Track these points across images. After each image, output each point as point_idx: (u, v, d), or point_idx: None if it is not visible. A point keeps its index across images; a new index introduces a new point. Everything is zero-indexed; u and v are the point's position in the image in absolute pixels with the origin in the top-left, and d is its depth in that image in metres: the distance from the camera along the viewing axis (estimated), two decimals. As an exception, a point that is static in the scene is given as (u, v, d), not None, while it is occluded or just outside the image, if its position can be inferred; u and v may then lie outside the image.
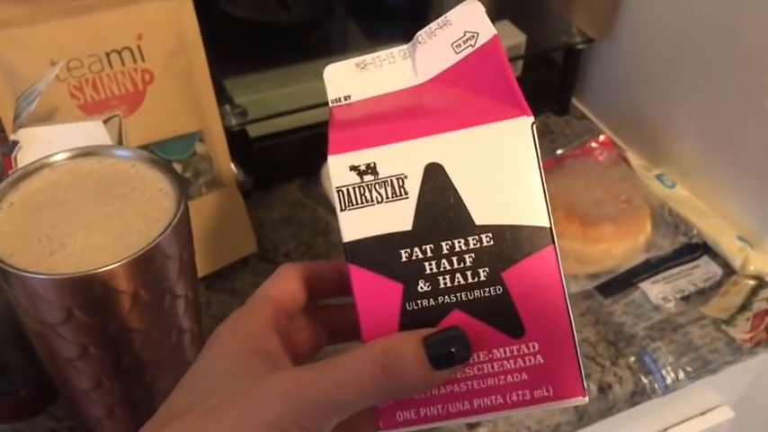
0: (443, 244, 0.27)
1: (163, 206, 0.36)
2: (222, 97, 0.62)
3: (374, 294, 0.27)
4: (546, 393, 0.27)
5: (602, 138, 0.71)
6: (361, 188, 0.27)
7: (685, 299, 0.58)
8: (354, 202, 0.27)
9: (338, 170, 0.28)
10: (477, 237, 0.27)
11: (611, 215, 0.58)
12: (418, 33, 0.30)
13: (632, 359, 0.54)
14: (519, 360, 0.27)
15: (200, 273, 0.59)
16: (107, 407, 0.39)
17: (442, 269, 0.27)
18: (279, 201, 0.67)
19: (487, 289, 0.27)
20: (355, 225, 0.27)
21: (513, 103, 0.28)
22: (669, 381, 0.53)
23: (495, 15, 0.72)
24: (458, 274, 0.27)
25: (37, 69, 0.51)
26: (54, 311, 0.34)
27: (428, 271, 0.27)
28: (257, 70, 0.68)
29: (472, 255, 0.27)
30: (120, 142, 0.43)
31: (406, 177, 0.27)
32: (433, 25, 0.30)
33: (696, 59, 0.63)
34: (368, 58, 0.30)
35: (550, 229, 0.28)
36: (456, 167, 0.27)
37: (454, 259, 0.27)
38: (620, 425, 0.57)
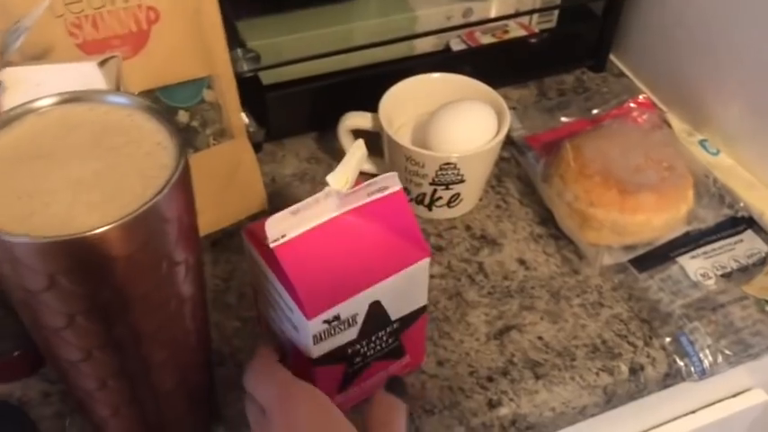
0: (373, 337, 0.43)
1: (161, 162, 0.32)
2: (234, 41, 0.58)
3: (328, 372, 0.42)
4: (406, 361, 0.47)
5: (641, 98, 0.66)
6: (329, 330, 0.40)
7: (726, 276, 0.54)
8: (323, 338, 0.40)
9: (314, 325, 0.39)
10: (392, 326, 0.43)
11: (651, 183, 0.53)
12: (340, 191, 0.39)
13: (668, 340, 0.50)
14: (400, 366, 0.47)
15: (206, 230, 0.56)
16: (99, 379, 0.36)
17: (370, 348, 0.43)
18: (292, 155, 0.63)
19: (392, 346, 0.44)
20: (321, 348, 0.40)
21: (416, 244, 0.41)
22: (706, 364, 0.50)
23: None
24: (378, 346, 0.43)
25: (33, 4, 0.46)
26: (35, 278, 0.30)
27: (362, 351, 0.43)
28: (272, 12, 0.63)
29: (388, 335, 0.43)
30: (117, 87, 0.39)
31: (357, 314, 0.40)
32: (359, 187, 0.39)
33: (751, 13, 0.57)
34: (300, 206, 0.38)
35: (426, 305, 0.44)
36: (386, 298, 0.41)
37: (377, 341, 0.43)
38: (644, 405, 0.53)
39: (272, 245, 0.38)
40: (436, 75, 0.58)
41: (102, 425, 0.40)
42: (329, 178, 0.39)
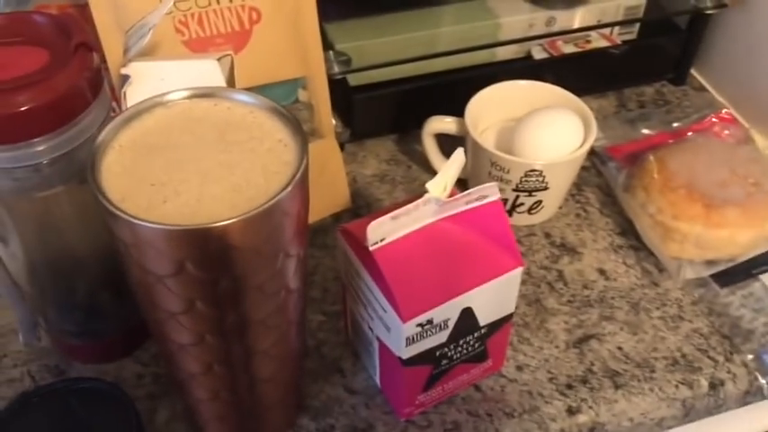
0: (461, 341, 0.43)
1: (283, 159, 0.34)
2: (323, 43, 0.59)
3: (415, 372, 0.43)
4: (488, 365, 0.48)
5: (723, 112, 0.66)
6: (421, 333, 0.41)
7: (811, 296, 0.53)
8: (415, 340, 0.41)
9: (408, 328, 0.40)
10: (480, 331, 0.44)
11: (737, 199, 0.53)
12: (439, 198, 0.40)
13: (749, 357, 0.50)
14: (482, 369, 0.48)
15: (293, 226, 0.57)
16: (205, 363, 0.37)
17: (456, 351, 0.44)
18: (372, 156, 0.64)
19: (477, 350, 0.45)
20: (412, 349, 0.41)
21: (511, 253, 0.42)
22: (789, 384, 0.49)
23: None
24: (465, 350, 0.44)
25: (143, 1, 0.49)
26: (165, 263, 0.31)
27: (449, 354, 0.44)
28: (359, 16, 0.65)
29: (475, 339, 0.44)
30: (231, 84, 0.40)
31: (449, 319, 0.41)
32: (458, 195, 0.41)
33: None
34: (400, 211, 0.39)
35: (512, 313, 0.45)
36: (477, 304, 0.42)
37: (464, 345, 0.44)
38: (722, 420, 0.53)
39: (371, 248, 0.39)
40: (523, 82, 0.58)
41: (198, 408, 0.42)
42: (429, 185, 0.39)
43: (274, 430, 0.45)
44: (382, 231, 0.39)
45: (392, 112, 0.64)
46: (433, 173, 0.62)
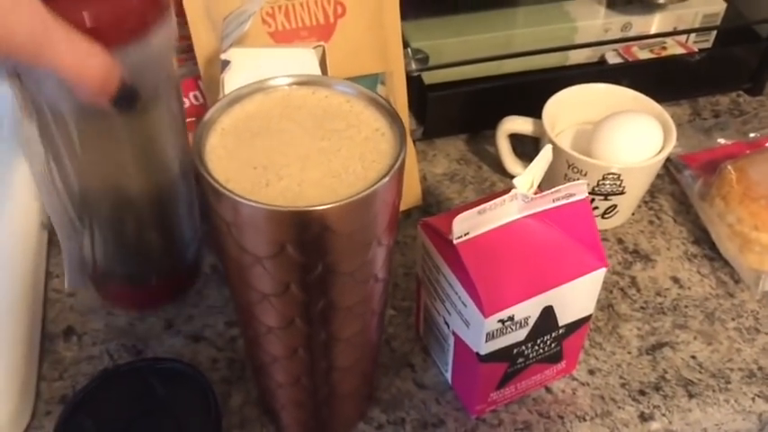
0: (539, 340, 0.43)
1: (380, 148, 0.34)
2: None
3: (491, 369, 0.43)
4: (562, 367, 0.48)
5: (803, 124, 0.64)
6: (501, 330, 0.41)
7: None
8: (494, 336, 0.41)
9: (489, 324, 0.40)
10: (558, 331, 0.44)
11: (820, 211, 0.52)
12: (527, 194, 0.40)
13: (830, 373, 0.49)
14: (555, 371, 0.48)
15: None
16: (290, 347, 0.38)
17: (533, 350, 0.44)
18: (443, 155, 0.64)
19: (553, 350, 0.45)
20: (491, 345, 0.41)
21: (595, 253, 0.42)
22: None
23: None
24: (541, 349, 0.44)
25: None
26: (266, 244, 0.32)
27: (525, 353, 0.43)
28: (436, 15, 0.65)
29: (552, 339, 0.44)
30: (323, 74, 0.41)
31: (529, 317, 0.41)
32: (546, 192, 0.40)
33: None
34: (486, 206, 0.39)
35: (591, 314, 0.45)
36: (559, 303, 0.42)
37: (541, 344, 0.44)
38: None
39: (456, 241, 0.39)
40: (601, 85, 0.58)
41: (276, 392, 0.43)
42: (516, 181, 0.39)
43: (346, 419, 0.46)
44: (467, 225, 0.39)
45: (464, 112, 0.64)
46: (503, 173, 0.62)
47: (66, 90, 0.35)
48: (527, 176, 0.40)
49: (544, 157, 0.40)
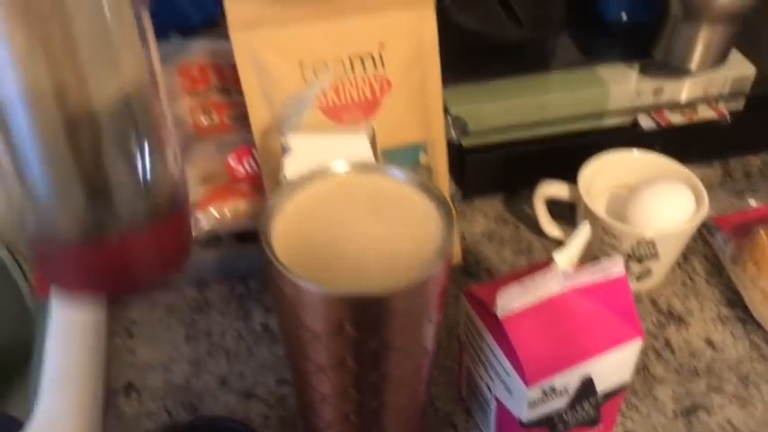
0: (578, 406, 0.45)
1: (431, 231, 0.37)
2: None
3: None
4: (599, 430, 0.49)
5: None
6: (543, 398, 0.43)
7: None
8: (536, 404, 0.43)
9: (532, 393, 0.42)
10: (595, 397, 0.46)
11: None
12: (567, 269, 0.43)
13: None
14: None
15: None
16: (342, 413, 0.40)
17: (572, 416, 0.46)
18: (481, 214, 0.67)
19: (591, 416, 0.47)
20: (532, 413, 0.43)
21: (632, 324, 0.44)
22: None
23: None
24: (580, 415, 0.46)
25: (286, 70, 0.53)
26: (326, 323, 0.35)
27: (565, 419, 0.46)
28: (472, 80, 0.68)
29: (591, 406, 0.46)
30: (375, 153, 0.44)
31: (569, 385, 0.43)
32: (585, 268, 0.43)
33: None
34: (528, 281, 0.42)
35: (628, 381, 0.47)
36: (597, 372, 0.44)
37: (580, 410, 0.46)
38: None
39: (500, 314, 0.41)
40: (636, 152, 0.60)
41: (326, 453, 0.45)
42: (556, 257, 0.42)
43: (392, 479, 0.48)
44: (511, 299, 0.41)
45: (501, 173, 0.67)
46: (540, 233, 0.64)
47: None
48: (567, 253, 0.42)
49: (583, 233, 0.42)
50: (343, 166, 0.39)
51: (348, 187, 0.39)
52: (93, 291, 0.39)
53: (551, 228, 0.62)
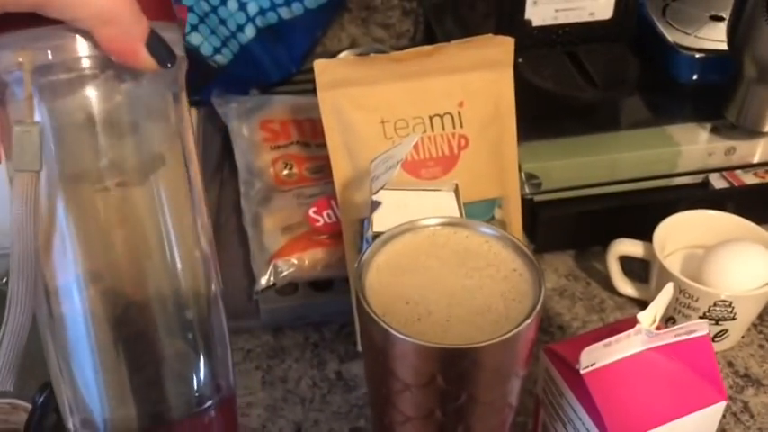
0: None
1: (519, 287, 0.37)
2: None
3: None
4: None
5: None
6: None
7: None
8: None
9: None
10: None
11: None
12: (650, 329, 0.42)
13: None
14: None
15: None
16: (425, 466, 0.41)
17: None
18: (551, 270, 0.67)
19: None
20: None
21: (715, 386, 0.43)
22: None
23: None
24: None
25: (368, 127, 0.55)
26: (417, 374, 0.36)
27: None
28: (545, 138, 0.69)
29: None
30: (460, 210, 0.45)
31: None
32: (669, 329, 0.42)
33: None
34: (612, 339, 0.41)
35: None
36: None
37: None
38: None
39: (582, 371, 0.41)
40: (711, 212, 0.60)
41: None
42: (640, 317, 0.42)
43: None
44: (594, 357, 0.42)
45: (572, 229, 0.68)
46: (611, 290, 0.64)
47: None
48: (650, 312, 0.42)
49: (666, 293, 0.43)
50: (433, 221, 0.40)
51: (436, 240, 0.40)
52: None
53: (624, 285, 0.62)
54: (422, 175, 0.56)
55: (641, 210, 0.65)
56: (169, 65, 0.32)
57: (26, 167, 0.30)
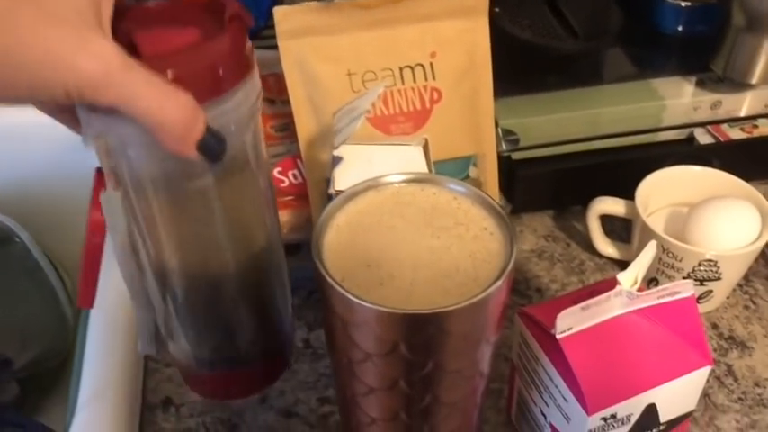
0: None
1: (489, 247, 0.35)
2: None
3: None
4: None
5: None
6: (603, 427, 0.40)
7: None
8: None
9: (592, 421, 0.39)
10: (659, 427, 0.43)
11: None
12: (631, 291, 0.40)
13: None
14: None
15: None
16: (392, 437, 0.38)
17: None
18: (530, 231, 0.65)
19: None
20: None
21: (700, 350, 0.41)
22: None
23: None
24: None
25: (334, 80, 0.52)
26: (378, 343, 0.33)
27: None
28: (523, 93, 0.66)
29: None
30: (429, 167, 0.42)
31: (632, 414, 0.40)
32: (651, 290, 0.40)
33: None
34: (590, 302, 0.39)
35: (693, 410, 0.44)
36: (662, 400, 0.41)
37: None
38: None
39: (559, 336, 0.39)
40: (696, 168, 0.58)
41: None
42: (620, 278, 0.39)
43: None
44: (571, 320, 0.39)
45: (552, 189, 0.65)
46: (592, 251, 0.61)
47: (151, 158, 0.35)
48: (631, 273, 0.40)
49: (648, 253, 0.40)
50: (397, 177, 0.37)
51: (400, 199, 0.37)
52: (219, 397, 0.49)
53: (605, 245, 0.60)
54: (392, 131, 0.53)
55: (623, 167, 0.63)
56: (216, 160, 0.34)
57: (115, 229, 0.38)
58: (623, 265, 0.60)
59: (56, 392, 0.70)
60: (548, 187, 0.64)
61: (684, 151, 0.66)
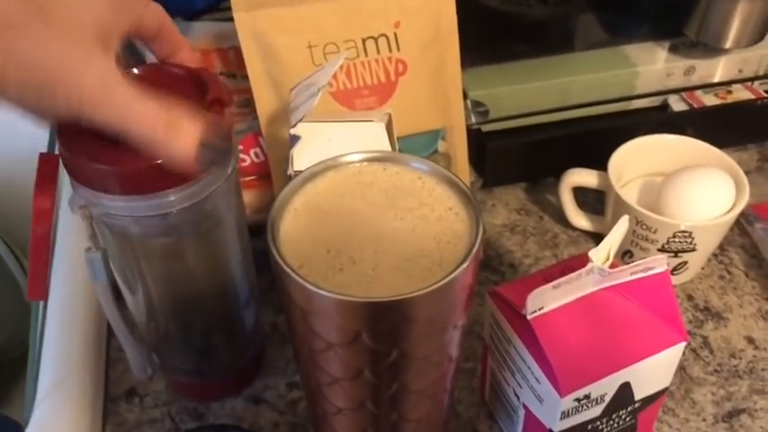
0: (614, 415, 0.41)
1: (454, 228, 0.33)
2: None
3: None
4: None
5: None
6: (577, 408, 0.39)
7: None
8: (569, 414, 0.39)
9: (565, 403, 0.38)
10: (634, 405, 0.42)
11: None
12: (603, 268, 0.38)
13: None
14: None
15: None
16: (360, 428, 0.37)
17: (608, 425, 0.42)
18: (502, 204, 0.63)
19: (627, 423, 0.43)
20: (565, 423, 0.40)
21: (675, 326, 0.40)
22: None
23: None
24: (616, 424, 0.42)
25: (293, 52, 0.49)
26: (340, 332, 0.31)
27: (599, 428, 0.42)
28: (492, 62, 0.64)
29: (628, 413, 0.42)
30: (392, 143, 0.40)
31: (606, 394, 0.39)
32: (624, 266, 0.39)
33: None
34: (561, 281, 0.37)
35: (668, 387, 0.43)
36: (636, 378, 0.40)
37: (616, 418, 0.42)
38: None
39: (530, 316, 0.38)
40: (670, 136, 0.56)
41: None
42: (592, 255, 0.38)
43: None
44: (542, 300, 0.38)
45: (523, 161, 0.63)
46: (565, 224, 0.60)
47: (134, 223, 0.37)
48: (603, 249, 0.38)
49: (620, 228, 0.39)
50: (358, 156, 0.35)
51: (362, 178, 0.35)
52: (196, 399, 0.50)
53: (578, 218, 0.59)
54: (356, 105, 0.51)
55: (597, 137, 0.61)
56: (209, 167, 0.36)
57: (98, 281, 0.39)
58: (597, 237, 0.59)
59: (19, 383, 0.68)
60: (519, 159, 0.63)
61: (658, 119, 0.65)
